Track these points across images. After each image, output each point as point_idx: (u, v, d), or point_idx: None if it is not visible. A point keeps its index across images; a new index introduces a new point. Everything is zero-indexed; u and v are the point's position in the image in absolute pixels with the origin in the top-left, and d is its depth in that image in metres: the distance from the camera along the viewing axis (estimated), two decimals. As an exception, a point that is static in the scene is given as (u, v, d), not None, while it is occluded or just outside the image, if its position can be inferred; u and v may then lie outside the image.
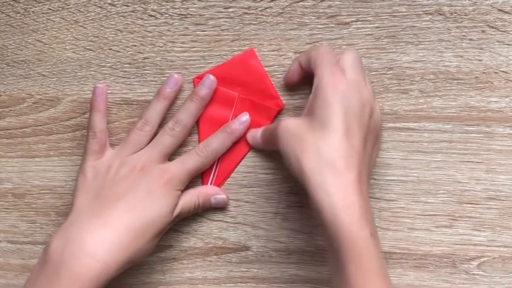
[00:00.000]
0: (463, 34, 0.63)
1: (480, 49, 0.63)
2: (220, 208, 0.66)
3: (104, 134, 0.64)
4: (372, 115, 0.57)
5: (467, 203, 0.64)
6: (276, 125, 0.58)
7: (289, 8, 0.64)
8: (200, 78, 0.65)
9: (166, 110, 0.64)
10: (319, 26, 0.64)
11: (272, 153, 0.65)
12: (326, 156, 0.54)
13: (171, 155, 0.64)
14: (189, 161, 0.63)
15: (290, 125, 0.56)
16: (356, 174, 0.54)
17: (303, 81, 0.63)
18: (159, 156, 0.63)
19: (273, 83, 0.65)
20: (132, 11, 0.65)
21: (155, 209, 0.61)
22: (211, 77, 0.64)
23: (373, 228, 0.54)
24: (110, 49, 0.66)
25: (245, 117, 0.65)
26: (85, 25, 0.66)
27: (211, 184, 0.66)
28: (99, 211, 0.59)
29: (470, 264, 0.65)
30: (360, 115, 0.56)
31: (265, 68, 0.64)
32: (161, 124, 0.64)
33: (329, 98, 0.55)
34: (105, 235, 0.58)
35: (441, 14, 0.63)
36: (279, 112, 0.65)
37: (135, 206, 0.60)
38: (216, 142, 0.64)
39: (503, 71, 0.63)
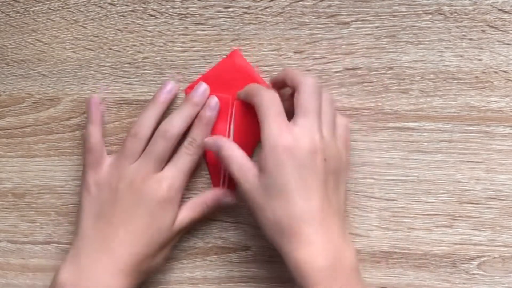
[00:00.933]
0: (463, 33, 0.63)
1: (480, 48, 0.63)
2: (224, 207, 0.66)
3: (100, 145, 0.63)
4: (325, 156, 0.57)
5: (467, 203, 0.64)
6: (237, 176, 0.58)
7: (289, 8, 0.64)
8: (191, 87, 0.65)
9: (159, 116, 0.64)
10: (319, 25, 0.64)
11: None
12: (286, 223, 0.55)
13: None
14: (181, 163, 0.63)
15: (248, 192, 0.57)
16: (321, 233, 0.55)
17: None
18: (155, 166, 0.62)
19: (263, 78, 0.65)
20: (132, 11, 0.65)
21: (155, 228, 0.61)
22: (204, 84, 0.64)
23: (346, 284, 0.55)
24: (110, 48, 0.66)
25: (213, 101, 0.64)
26: (85, 25, 0.66)
27: (222, 186, 0.65)
28: (103, 238, 0.61)
29: (470, 264, 0.65)
30: (313, 165, 0.56)
31: (264, 67, 0.64)
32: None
33: (278, 158, 0.56)
34: (112, 264, 0.60)
35: (441, 14, 0.63)
36: None
37: (135, 230, 0.61)
38: (200, 135, 0.63)
39: (503, 71, 0.63)
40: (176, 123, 0.63)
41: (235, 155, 0.59)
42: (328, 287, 0.54)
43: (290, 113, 0.59)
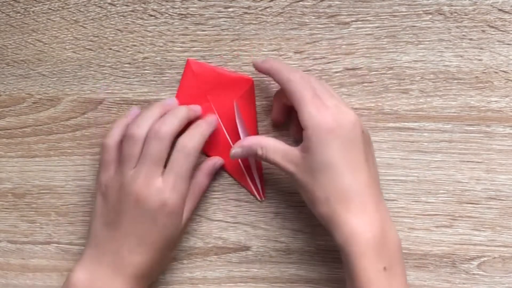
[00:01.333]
0: (463, 33, 0.63)
1: (480, 48, 0.63)
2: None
3: (115, 147, 0.62)
4: (362, 129, 0.58)
5: (467, 203, 0.64)
6: (268, 159, 0.59)
7: (289, 8, 0.64)
8: (193, 63, 0.65)
9: (156, 120, 0.62)
10: (319, 26, 0.64)
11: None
12: (337, 199, 0.56)
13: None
14: (180, 167, 0.61)
15: (294, 173, 0.58)
16: (371, 207, 0.56)
17: (291, 115, 0.64)
18: (153, 169, 0.60)
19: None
20: (132, 11, 0.65)
21: (163, 236, 0.61)
22: (214, 117, 0.64)
23: (390, 261, 0.56)
24: (110, 48, 0.66)
25: (212, 118, 0.64)
26: (85, 25, 0.66)
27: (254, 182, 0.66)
28: (114, 244, 0.61)
29: (470, 264, 0.65)
30: (354, 138, 0.57)
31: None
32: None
33: (321, 137, 0.56)
34: (123, 270, 0.60)
35: (441, 14, 0.63)
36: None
37: (145, 239, 0.61)
38: (196, 137, 0.62)
39: (503, 71, 0.63)
40: (169, 123, 0.61)
41: (274, 145, 0.59)
42: (373, 260, 0.55)
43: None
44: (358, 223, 0.55)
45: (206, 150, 0.65)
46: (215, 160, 0.65)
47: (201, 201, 0.66)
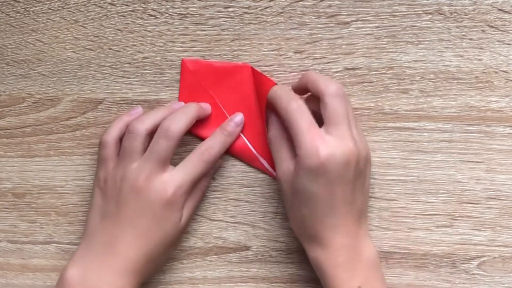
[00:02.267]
0: (463, 33, 0.63)
1: (480, 48, 0.63)
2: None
3: (114, 142, 0.62)
4: (358, 161, 0.58)
5: (467, 203, 0.64)
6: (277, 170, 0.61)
7: (289, 8, 0.64)
8: (189, 62, 0.64)
9: (161, 120, 0.62)
10: (319, 25, 0.64)
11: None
12: (310, 226, 0.59)
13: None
14: (192, 168, 0.62)
15: (281, 180, 0.60)
16: (340, 235, 0.58)
17: None
18: (157, 166, 0.61)
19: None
20: (132, 11, 0.65)
21: (160, 231, 0.61)
22: (240, 116, 0.65)
23: (365, 277, 0.58)
24: (110, 48, 0.66)
25: (238, 117, 0.64)
26: (85, 25, 0.66)
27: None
28: (110, 238, 0.61)
29: (470, 263, 0.65)
30: (345, 173, 0.57)
31: (264, 67, 0.64)
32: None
33: (312, 169, 0.56)
34: (119, 264, 0.60)
35: (441, 14, 0.63)
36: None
37: (142, 232, 0.61)
38: (218, 145, 0.63)
39: (503, 71, 0.63)
40: (179, 122, 0.61)
41: (280, 139, 0.61)
42: (346, 279, 0.57)
43: (318, 116, 0.59)
44: (328, 252, 0.58)
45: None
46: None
47: (201, 201, 0.66)
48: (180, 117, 0.62)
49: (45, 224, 0.68)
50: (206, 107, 0.64)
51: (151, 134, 0.62)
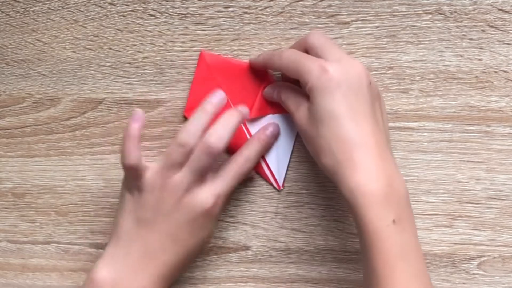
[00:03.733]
0: (463, 33, 0.63)
1: (480, 48, 0.63)
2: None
3: (138, 161, 0.59)
4: (370, 80, 0.57)
5: (467, 203, 0.64)
6: (286, 106, 0.60)
7: (289, 8, 0.64)
8: (189, 110, 0.64)
9: (207, 126, 0.60)
10: (319, 25, 0.64)
11: (272, 152, 0.65)
12: (339, 149, 0.55)
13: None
14: (231, 180, 0.62)
15: (301, 125, 0.58)
16: (373, 157, 0.54)
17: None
18: (197, 178, 0.60)
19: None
20: (132, 11, 0.65)
21: (198, 239, 0.61)
22: (245, 109, 0.63)
23: (399, 212, 0.54)
24: (110, 48, 0.66)
25: (273, 128, 0.64)
26: (85, 25, 0.66)
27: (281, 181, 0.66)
28: (146, 243, 0.60)
29: (470, 263, 0.65)
30: (359, 88, 0.56)
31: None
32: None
33: (326, 88, 0.55)
34: (153, 269, 0.60)
35: (441, 14, 0.63)
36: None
37: (179, 240, 0.60)
38: (255, 157, 0.63)
39: (503, 71, 0.63)
40: (222, 139, 0.59)
41: (289, 93, 0.61)
42: (381, 212, 0.53)
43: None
44: (363, 174, 0.54)
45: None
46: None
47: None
48: (224, 134, 0.60)
49: (45, 224, 0.68)
50: (245, 111, 0.62)
51: None
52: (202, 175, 0.60)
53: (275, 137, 0.64)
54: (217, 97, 0.61)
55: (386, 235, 0.53)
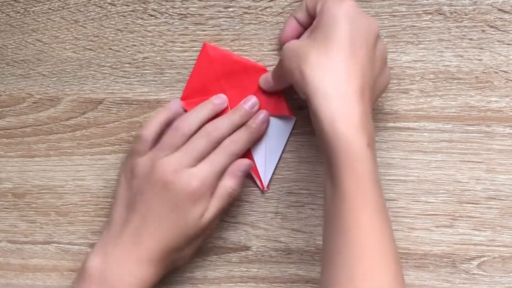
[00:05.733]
0: (463, 33, 0.63)
1: (480, 48, 0.63)
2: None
3: (151, 137, 0.62)
4: (378, 40, 0.56)
5: (467, 203, 0.64)
6: (283, 61, 0.58)
7: (289, 8, 0.64)
8: (186, 98, 0.65)
9: (207, 119, 0.63)
10: (319, 25, 0.64)
11: (272, 152, 0.65)
12: (328, 66, 0.54)
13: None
14: (217, 162, 0.62)
15: (294, 44, 0.57)
16: (358, 85, 0.53)
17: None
18: (190, 161, 0.61)
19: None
20: (132, 11, 0.65)
21: (182, 223, 0.61)
22: (254, 98, 0.64)
23: (371, 139, 0.54)
24: (110, 48, 0.66)
25: (263, 115, 0.64)
26: (85, 25, 0.66)
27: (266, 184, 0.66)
28: (132, 229, 0.61)
29: (470, 263, 0.65)
30: (367, 33, 0.55)
31: (265, 67, 0.64)
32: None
33: (335, 14, 0.55)
34: (140, 255, 0.60)
35: (441, 14, 0.63)
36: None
37: (164, 223, 0.61)
38: (242, 140, 0.63)
39: (503, 71, 0.63)
40: (222, 127, 0.62)
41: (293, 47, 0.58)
42: (358, 134, 0.53)
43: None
44: (342, 96, 0.53)
45: None
46: (242, 166, 0.64)
47: (229, 205, 0.65)
48: (224, 125, 0.62)
49: (45, 224, 0.68)
50: (255, 104, 0.64)
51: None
52: (195, 161, 0.61)
53: (264, 124, 0.64)
54: (220, 99, 0.63)
55: (361, 157, 0.52)
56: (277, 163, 0.65)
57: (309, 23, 0.59)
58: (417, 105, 0.64)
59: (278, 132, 0.65)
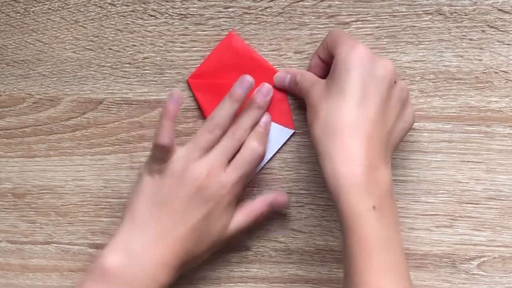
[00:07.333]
0: (463, 34, 0.63)
1: (480, 49, 0.63)
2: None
3: (171, 143, 0.60)
4: (392, 85, 0.56)
5: (467, 203, 0.64)
6: (301, 86, 0.60)
7: (289, 8, 0.64)
8: (196, 76, 0.65)
9: (236, 113, 0.62)
10: (319, 26, 0.64)
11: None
12: (333, 125, 0.55)
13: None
14: (246, 168, 0.62)
15: (314, 99, 0.58)
16: (362, 144, 0.54)
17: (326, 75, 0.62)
18: (223, 162, 0.61)
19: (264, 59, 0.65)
20: (132, 11, 0.65)
21: (210, 229, 0.61)
22: (267, 85, 0.64)
23: (379, 198, 0.53)
24: (110, 49, 0.66)
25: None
26: (85, 25, 0.66)
27: None
28: (161, 229, 0.60)
29: (470, 264, 0.65)
30: (381, 81, 0.55)
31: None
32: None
33: (348, 62, 0.55)
34: (166, 259, 0.60)
35: (441, 14, 0.63)
36: None
37: (192, 228, 0.60)
38: (249, 120, 0.63)
39: (503, 71, 0.63)
40: (245, 125, 0.62)
41: (306, 74, 0.62)
42: (361, 197, 0.53)
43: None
44: (347, 158, 0.53)
45: None
46: (277, 199, 0.64)
47: (251, 226, 0.65)
48: (247, 122, 0.63)
49: (45, 224, 0.68)
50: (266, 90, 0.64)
51: None
52: (226, 160, 0.61)
53: (267, 96, 0.64)
54: (244, 83, 0.62)
55: (364, 220, 0.52)
56: (261, 168, 0.65)
57: (331, 60, 0.59)
58: (417, 105, 0.64)
59: (272, 137, 0.65)
